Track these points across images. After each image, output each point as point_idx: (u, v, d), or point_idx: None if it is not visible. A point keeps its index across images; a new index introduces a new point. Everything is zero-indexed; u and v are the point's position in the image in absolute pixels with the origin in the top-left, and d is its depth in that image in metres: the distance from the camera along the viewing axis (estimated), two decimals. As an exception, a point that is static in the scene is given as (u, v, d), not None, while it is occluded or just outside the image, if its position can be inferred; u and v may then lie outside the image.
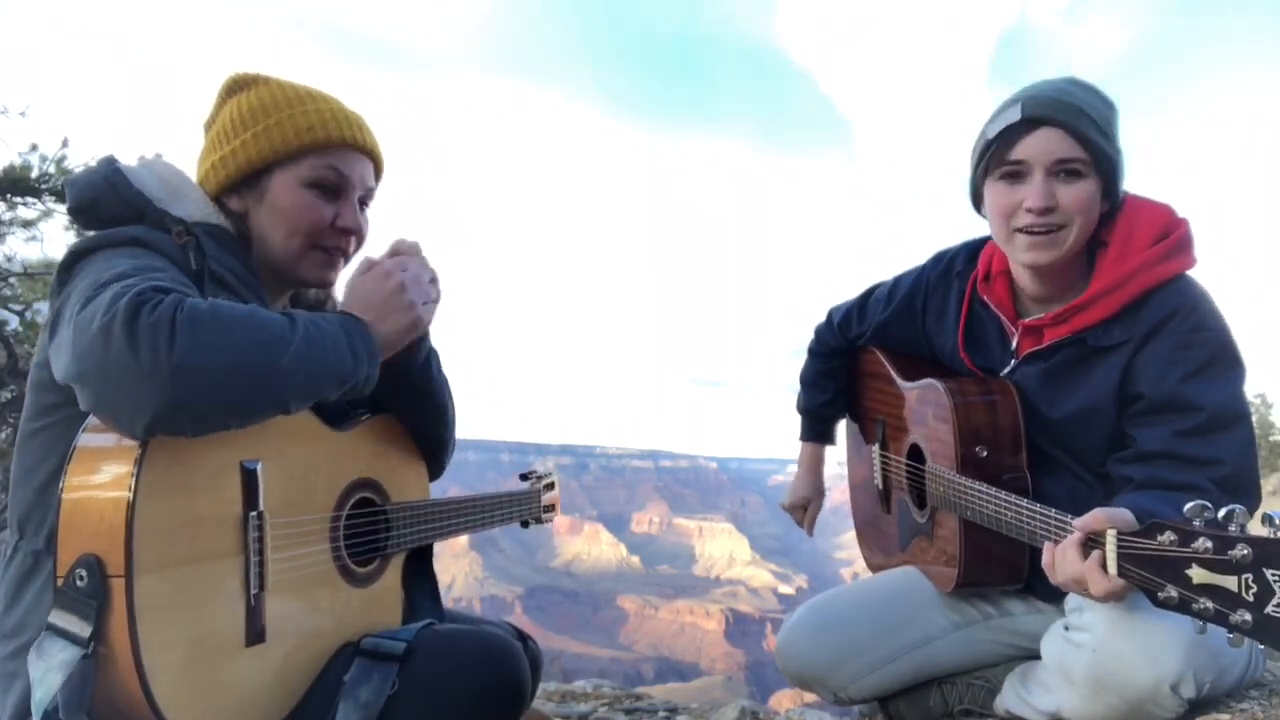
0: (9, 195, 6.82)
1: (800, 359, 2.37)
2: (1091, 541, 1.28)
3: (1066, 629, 1.51)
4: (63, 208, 7.00)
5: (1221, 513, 1.12)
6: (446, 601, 1.65)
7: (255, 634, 1.18)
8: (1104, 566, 1.24)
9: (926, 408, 1.87)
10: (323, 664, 1.30)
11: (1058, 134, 1.52)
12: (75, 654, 1.00)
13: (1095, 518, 1.27)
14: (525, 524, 2.03)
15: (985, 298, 1.79)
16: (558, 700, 3.22)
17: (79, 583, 1.00)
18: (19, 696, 1.17)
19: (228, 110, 1.42)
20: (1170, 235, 1.56)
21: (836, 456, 2.41)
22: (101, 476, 1.04)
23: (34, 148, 6.77)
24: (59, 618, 1.02)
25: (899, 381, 2.02)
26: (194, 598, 1.09)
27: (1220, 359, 1.50)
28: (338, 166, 1.41)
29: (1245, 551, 1.09)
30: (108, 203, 1.30)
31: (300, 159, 1.39)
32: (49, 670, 1.00)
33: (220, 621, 1.13)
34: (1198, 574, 1.13)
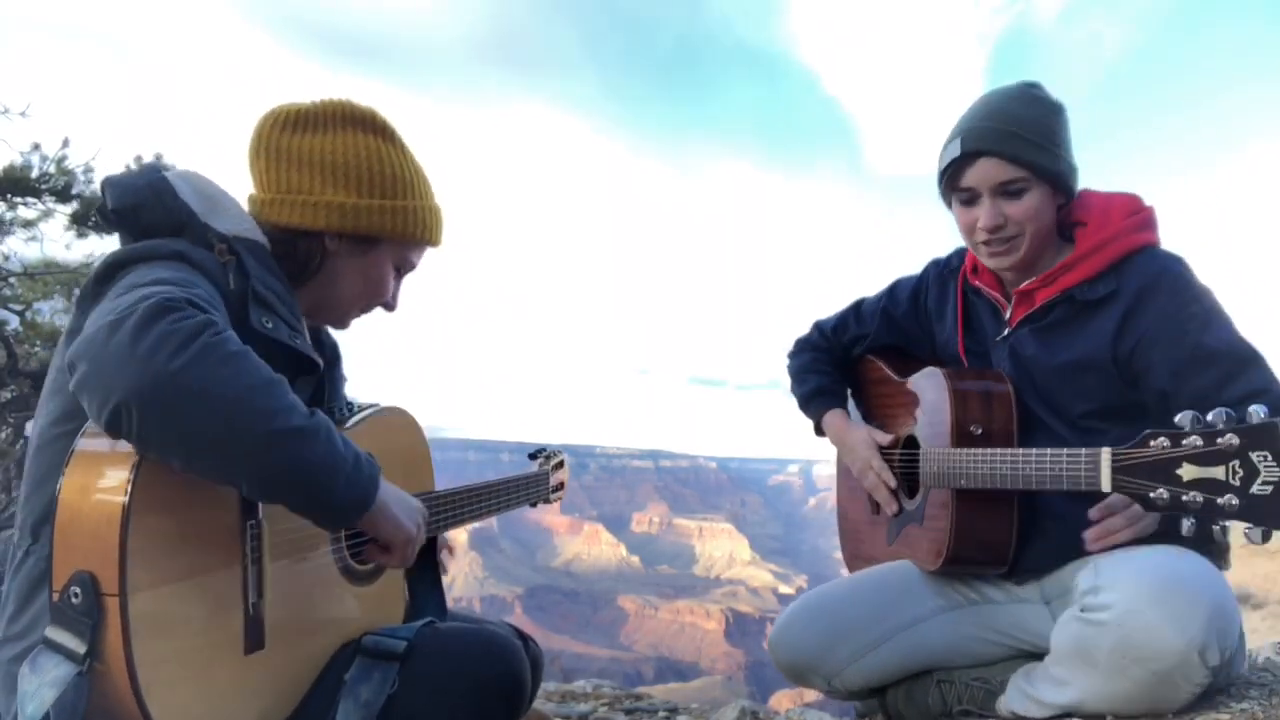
0: (9, 195, 6.83)
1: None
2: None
3: (1082, 610, 1.52)
4: (63, 208, 7.00)
5: (1210, 415, 1.20)
6: (446, 601, 1.65)
7: (254, 642, 1.17)
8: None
9: (925, 394, 1.94)
10: (324, 663, 1.30)
11: (995, 162, 1.70)
12: (70, 670, 0.99)
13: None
14: (534, 504, 2.04)
15: (977, 284, 1.93)
16: (558, 700, 3.22)
17: (74, 600, 1.00)
18: None
19: (359, 147, 1.41)
20: (1140, 213, 1.74)
21: (830, 455, 2.35)
22: (96, 490, 1.03)
23: (35, 147, 6.77)
24: (55, 633, 1.02)
25: (897, 379, 2.07)
26: (191, 611, 1.09)
27: (1214, 307, 1.63)
28: (415, 261, 1.54)
29: (1233, 439, 1.15)
30: (150, 210, 1.28)
31: (408, 248, 1.50)
32: (42, 686, 1.00)
33: (218, 633, 1.13)
34: (1188, 471, 1.20)
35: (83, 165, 6.93)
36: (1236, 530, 1.25)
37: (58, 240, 7.10)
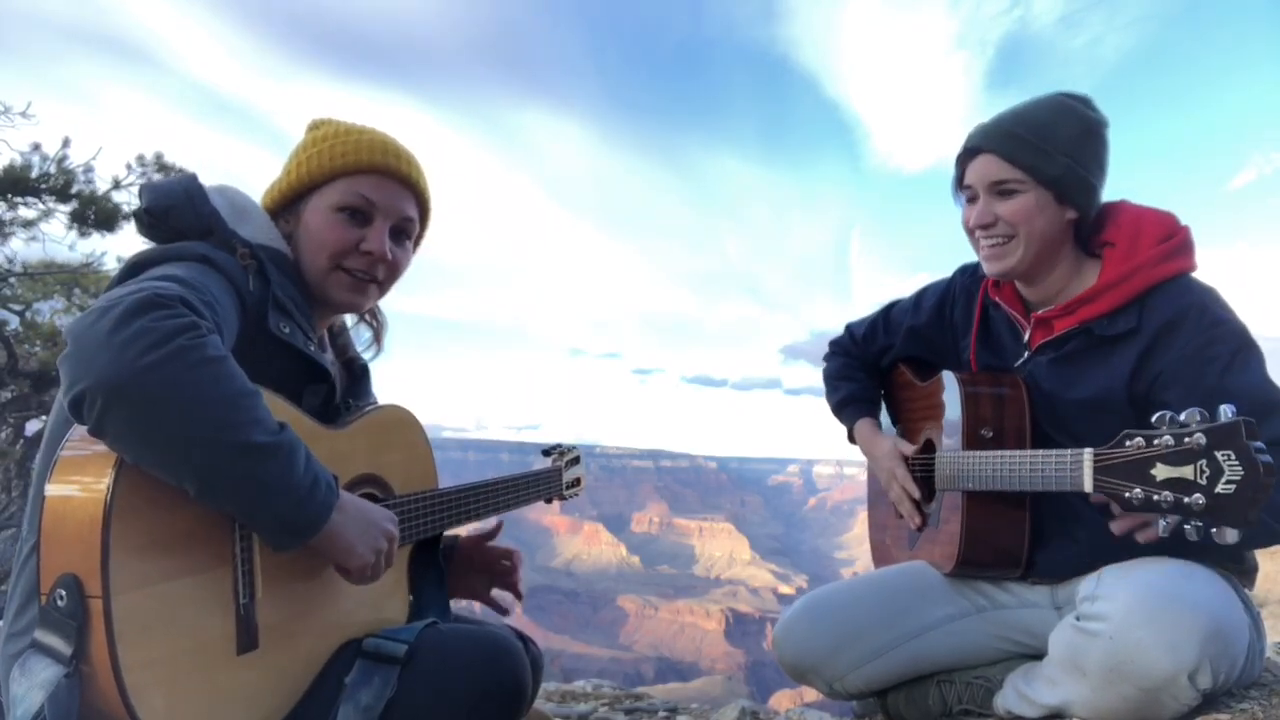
0: (9, 195, 6.83)
1: (791, 358, 2.37)
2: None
3: (1078, 619, 1.52)
4: (63, 208, 7.01)
5: (1183, 415, 1.22)
6: (449, 601, 1.65)
7: (247, 642, 1.17)
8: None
9: (940, 398, 1.94)
10: (324, 661, 1.30)
11: (991, 159, 1.71)
12: (58, 672, 0.99)
13: None
14: (549, 500, 2.04)
15: (997, 299, 1.90)
16: (558, 700, 3.22)
17: (59, 602, 1.00)
18: None
19: (294, 148, 1.51)
20: (1174, 237, 1.65)
21: (836, 455, 2.38)
22: (80, 492, 1.03)
23: (36, 147, 6.78)
24: (43, 635, 1.02)
25: (920, 384, 2.10)
26: (178, 613, 1.07)
27: (1244, 347, 1.54)
28: (365, 193, 1.45)
29: (1200, 439, 1.18)
30: (180, 213, 1.32)
31: (333, 183, 1.45)
32: (31, 689, 1.00)
33: (208, 633, 1.12)
34: (1160, 471, 1.23)
35: (83, 165, 6.94)
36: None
37: (58, 240, 7.11)
